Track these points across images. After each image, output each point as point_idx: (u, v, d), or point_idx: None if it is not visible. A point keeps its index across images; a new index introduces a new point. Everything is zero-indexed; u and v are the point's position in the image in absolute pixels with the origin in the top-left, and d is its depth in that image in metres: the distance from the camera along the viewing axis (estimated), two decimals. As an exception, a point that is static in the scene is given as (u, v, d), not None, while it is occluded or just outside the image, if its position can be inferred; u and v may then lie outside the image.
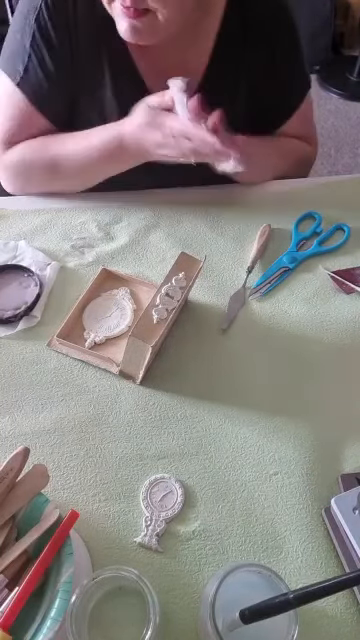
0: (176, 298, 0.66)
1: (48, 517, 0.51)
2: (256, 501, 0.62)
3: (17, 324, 0.76)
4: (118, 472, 0.64)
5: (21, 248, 0.85)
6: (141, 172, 0.92)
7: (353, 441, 0.66)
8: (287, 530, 0.60)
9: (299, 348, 0.75)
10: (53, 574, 0.48)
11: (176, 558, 0.58)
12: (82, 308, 0.78)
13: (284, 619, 0.45)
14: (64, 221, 0.90)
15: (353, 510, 0.55)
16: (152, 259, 0.85)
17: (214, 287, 0.81)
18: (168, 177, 0.93)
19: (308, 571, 0.58)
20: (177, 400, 0.70)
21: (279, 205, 0.92)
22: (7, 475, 0.51)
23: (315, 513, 0.61)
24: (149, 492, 0.62)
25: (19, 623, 0.46)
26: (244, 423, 0.68)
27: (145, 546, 0.59)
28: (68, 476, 0.64)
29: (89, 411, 0.69)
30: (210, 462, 0.65)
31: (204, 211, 0.91)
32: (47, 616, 0.46)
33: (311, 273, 0.83)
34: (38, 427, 0.67)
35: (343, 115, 2.56)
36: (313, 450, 0.66)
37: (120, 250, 0.86)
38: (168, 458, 0.65)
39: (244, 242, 0.87)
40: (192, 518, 0.61)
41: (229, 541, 0.59)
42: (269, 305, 0.80)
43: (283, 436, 0.67)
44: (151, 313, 0.64)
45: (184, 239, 0.87)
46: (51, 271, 0.82)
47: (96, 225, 0.89)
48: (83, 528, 0.59)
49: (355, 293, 0.81)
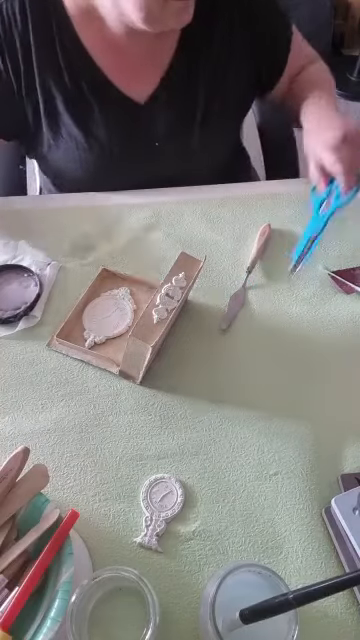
0: (176, 298, 0.66)
1: (48, 517, 0.51)
2: (256, 501, 0.62)
3: (17, 324, 0.76)
4: (118, 472, 0.64)
5: (21, 248, 0.85)
6: (141, 172, 0.92)
7: (353, 441, 0.66)
8: (287, 530, 0.60)
9: (299, 348, 0.75)
10: (53, 574, 0.49)
11: (176, 558, 0.58)
12: (82, 308, 0.78)
13: (284, 619, 0.45)
14: (64, 221, 0.90)
15: (353, 510, 0.55)
16: (152, 259, 0.85)
17: (214, 287, 0.81)
18: (168, 177, 0.93)
19: (308, 571, 0.58)
20: (177, 400, 0.70)
21: (279, 205, 0.92)
22: (7, 475, 0.51)
23: (315, 513, 0.61)
24: (149, 492, 0.62)
25: (19, 623, 0.46)
26: (244, 423, 0.68)
27: (145, 546, 0.59)
28: (68, 476, 0.64)
29: (89, 411, 0.69)
30: (210, 462, 0.65)
31: (204, 211, 0.91)
32: (47, 616, 0.46)
33: (311, 273, 0.83)
34: (38, 427, 0.67)
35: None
36: (313, 450, 0.66)
37: (120, 250, 0.86)
38: (168, 458, 0.65)
39: (244, 242, 0.87)
40: (192, 518, 0.61)
41: (229, 541, 0.59)
42: (269, 305, 0.80)
43: (283, 436, 0.67)
44: (151, 313, 0.64)
45: (184, 239, 0.87)
46: (51, 271, 0.82)
47: (96, 225, 0.89)
48: (83, 528, 0.59)
49: (355, 293, 0.81)
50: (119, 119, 0.87)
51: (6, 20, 0.79)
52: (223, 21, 0.84)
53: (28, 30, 0.79)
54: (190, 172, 0.95)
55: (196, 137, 0.90)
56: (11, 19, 0.79)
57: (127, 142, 0.88)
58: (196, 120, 0.88)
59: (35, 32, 0.80)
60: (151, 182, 0.93)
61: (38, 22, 0.79)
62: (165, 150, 0.90)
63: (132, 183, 0.93)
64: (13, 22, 0.79)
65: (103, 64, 0.83)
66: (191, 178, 0.94)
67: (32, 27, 0.79)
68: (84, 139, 0.87)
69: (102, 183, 0.93)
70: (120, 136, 0.87)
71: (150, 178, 0.93)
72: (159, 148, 0.90)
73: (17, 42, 0.80)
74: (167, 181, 0.94)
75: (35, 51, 0.81)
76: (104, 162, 0.90)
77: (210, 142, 0.92)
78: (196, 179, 0.94)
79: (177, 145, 0.91)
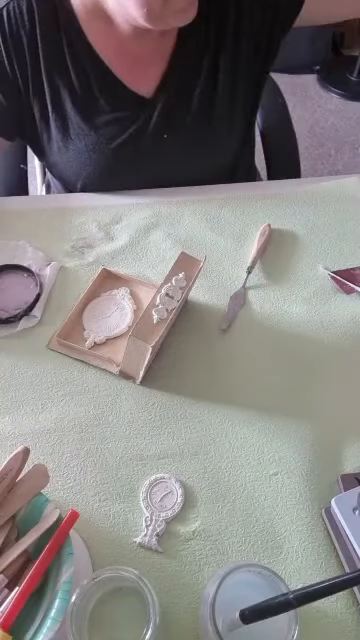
0: (176, 298, 0.66)
1: (48, 517, 0.51)
2: (256, 501, 0.62)
3: (17, 324, 0.76)
4: (118, 472, 0.64)
5: (21, 248, 0.85)
6: (141, 172, 0.92)
7: (353, 441, 0.66)
8: (287, 530, 0.60)
9: (299, 348, 0.75)
10: (53, 574, 0.48)
11: (176, 558, 0.58)
12: (82, 308, 0.78)
13: (284, 619, 0.45)
14: (64, 221, 0.90)
15: (353, 510, 0.55)
16: (152, 259, 0.85)
17: (214, 287, 0.81)
18: (168, 177, 0.93)
19: (308, 571, 0.58)
20: (177, 400, 0.70)
21: (279, 205, 0.92)
22: (7, 475, 0.51)
23: (315, 513, 0.61)
24: (149, 492, 0.62)
25: (19, 623, 0.46)
26: (244, 423, 0.68)
27: (145, 546, 0.59)
28: (68, 476, 0.64)
29: (89, 411, 0.69)
30: (210, 462, 0.65)
31: (204, 211, 0.91)
32: (47, 616, 0.46)
33: (311, 273, 0.83)
34: (38, 427, 0.67)
35: (343, 115, 2.56)
36: (313, 450, 0.66)
37: (120, 250, 0.86)
38: (168, 458, 0.65)
39: (244, 242, 0.87)
40: (192, 518, 0.61)
41: (229, 541, 0.59)
42: (269, 305, 0.80)
43: (283, 436, 0.67)
44: (151, 313, 0.64)
45: (184, 239, 0.87)
46: (51, 271, 0.82)
47: (96, 225, 0.89)
48: (83, 528, 0.59)
49: (355, 293, 0.81)
50: (127, 115, 0.87)
51: (13, 19, 0.79)
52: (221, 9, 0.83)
53: (35, 29, 0.80)
54: (198, 167, 0.95)
55: (204, 127, 0.90)
56: (18, 18, 0.79)
57: (135, 138, 0.88)
58: (202, 107, 0.88)
59: (42, 31, 0.80)
60: (158, 181, 0.93)
61: (45, 21, 0.80)
62: (173, 144, 0.90)
63: (139, 182, 0.93)
64: (20, 21, 0.79)
65: (110, 61, 0.83)
66: (198, 175, 0.94)
67: (39, 26, 0.80)
68: (93, 138, 0.87)
69: (111, 182, 0.93)
70: (129, 133, 0.88)
71: (157, 177, 0.93)
72: (167, 142, 0.90)
73: (24, 41, 0.80)
74: (173, 179, 0.94)
75: (42, 50, 0.81)
76: (113, 160, 0.90)
77: (219, 132, 0.92)
78: (202, 175, 0.94)
79: (185, 138, 0.90)
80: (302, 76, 2.69)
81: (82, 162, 0.90)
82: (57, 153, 0.90)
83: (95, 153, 0.88)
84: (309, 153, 2.35)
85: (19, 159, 1.07)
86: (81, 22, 0.80)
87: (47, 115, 0.86)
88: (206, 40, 0.84)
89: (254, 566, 0.48)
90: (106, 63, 0.83)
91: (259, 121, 1.14)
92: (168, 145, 0.90)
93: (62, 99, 0.84)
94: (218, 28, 0.84)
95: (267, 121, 1.15)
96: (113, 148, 0.88)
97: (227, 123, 0.92)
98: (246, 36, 0.85)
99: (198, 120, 0.89)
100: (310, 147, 2.38)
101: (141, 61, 0.84)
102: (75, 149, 0.88)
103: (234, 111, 0.91)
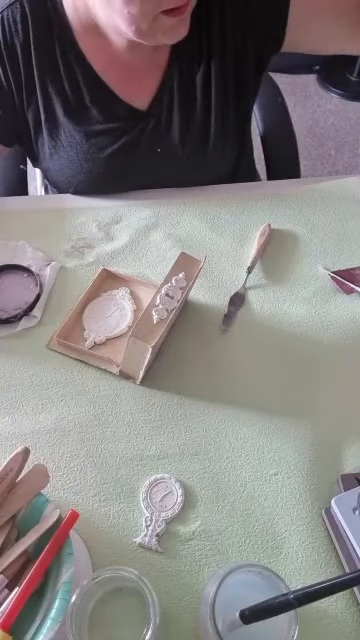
0: (176, 298, 0.66)
1: (48, 517, 0.51)
2: (256, 501, 0.62)
3: (17, 324, 0.76)
4: (118, 472, 0.64)
5: (21, 248, 0.85)
6: (141, 172, 0.92)
7: (353, 441, 0.66)
8: (287, 530, 0.60)
9: (299, 348, 0.75)
10: (53, 574, 0.49)
11: (176, 558, 0.58)
12: (82, 308, 0.78)
13: (284, 619, 0.45)
14: (64, 221, 0.90)
15: (353, 510, 0.55)
16: (152, 259, 0.85)
17: (214, 287, 0.81)
18: (168, 177, 0.93)
19: (308, 571, 0.58)
20: (177, 400, 0.70)
21: (279, 205, 0.92)
22: (7, 475, 0.51)
23: (315, 513, 0.61)
24: (149, 492, 0.62)
25: (19, 623, 0.46)
26: (244, 423, 0.68)
27: (145, 546, 0.59)
28: (68, 476, 0.64)
29: (89, 411, 0.69)
30: (210, 462, 0.65)
31: (204, 211, 0.91)
32: (47, 616, 0.46)
33: (311, 273, 0.83)
34: (38, 427, 0.68)
35: (343, 115, 2.56)
36: (313, 450, 0.66)
37: (120, 250, 0.86)
38: (168, 458, 0.65)
39: (244, 242, 0.87)
40: (192, 518, 0.61)
41: (229, 541, 0.59)
42: (269, 305, 0.80)
43: (283, 436, 0.67)
44: (151, 313, 0.64)
45: (184, 239, 0.87)
46: (51, 271, 0.82)
47: (96, 225, 0.89)
48: (83, 528, 0.59)
49: (355, 293, 0.81)
50: (120, 126, 0.86)
51: (7, 28, 0.79)
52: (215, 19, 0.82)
53: (29, 37, 0.79)
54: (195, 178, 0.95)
55: (200, 140, 0.90)
56: (12, 27, 0.79)
57: (129, 149, 0.88)
58: (197, 123, 0.88)
59: (35, 39, 0.79)
60: (152, 183, 0.93)
61: (38, 29, 0.79)
62: (167, 156, 0.90)
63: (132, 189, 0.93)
64: (14, 30, 0.79)
65: (104, 73, 0.83)
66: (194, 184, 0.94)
67: (32, 34, 0.79)
68: (84, 146, 0.87)
69: (103, 189, 0.93)
70: (121, 143, 0.87)
71: (151, 186, 0.93)
72: (161, 154, 0.90)
73: (18, 50, 0.80)
74: (167, 183, 0.94)
75: (35, 58, 0.80)
76: (105, 169, 0.89)
77: (215, 144, 0.92)
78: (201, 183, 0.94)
79: (180, 149, 0.90)
80: (302, 76, 2.69)
81: (74, 170, 0.90)
82: (49, 159, 0.90)
83: (86, 162, 0.88)
84: (309, 153, 2.35)
85: (19, 160, 1.07)
86: (75, 33, 0.80)
87: (40, 122, 0.86)
88: (199, 52, 0.84)
89: (254, 566, 0.48)
90: (100, 75, 0.83)
91: (259, 121, 1.14)
92: (162, 158, 0.90)
93: (54, 107, 0.84)
94: (208, 41, 0.83)
95: (267, 121, 1.15)
96: (104, 157, 0.88)
97: (222, 136, 0.91)
98: (230, 51, 0.84)
99: (192, 135, 0.88)
100: (310, 147, 2.38)
101: (136, 73, 0.84)
102: (67, 156, 0.88)
103: (228, 122, 0.90)
